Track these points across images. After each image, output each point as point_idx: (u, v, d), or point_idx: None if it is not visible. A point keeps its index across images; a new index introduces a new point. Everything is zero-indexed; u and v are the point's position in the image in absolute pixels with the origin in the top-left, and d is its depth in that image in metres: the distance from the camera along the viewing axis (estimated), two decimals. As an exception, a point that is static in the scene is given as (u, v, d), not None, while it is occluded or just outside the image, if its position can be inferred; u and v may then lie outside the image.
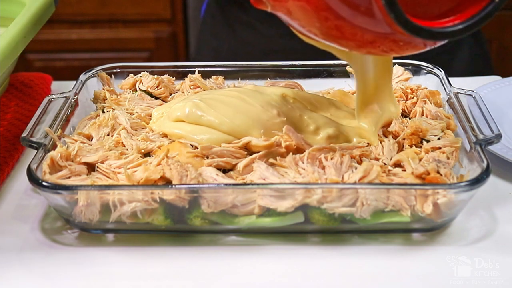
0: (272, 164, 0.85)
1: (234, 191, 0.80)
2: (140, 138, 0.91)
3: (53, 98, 0.98)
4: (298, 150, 0.87)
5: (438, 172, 0.82)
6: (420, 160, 0.86)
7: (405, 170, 0.85)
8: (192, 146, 0.88)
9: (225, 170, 0.86)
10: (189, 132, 0.90)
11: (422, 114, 0.97)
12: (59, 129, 0.93)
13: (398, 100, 1.01)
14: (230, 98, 0.92)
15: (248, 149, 0.88)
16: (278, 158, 0.85)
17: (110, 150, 0.88)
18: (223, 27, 1.49)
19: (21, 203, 0.92)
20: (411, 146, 0.90)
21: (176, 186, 0.80)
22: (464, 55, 1.43)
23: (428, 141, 0.90)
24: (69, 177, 0.84)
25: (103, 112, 0.99)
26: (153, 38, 2.45)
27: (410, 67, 1.08)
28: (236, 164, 0.86)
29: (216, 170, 0.84)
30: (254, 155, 0.86)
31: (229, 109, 0.90)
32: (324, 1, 0.71)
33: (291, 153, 0.85)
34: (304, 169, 0.83)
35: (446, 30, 0.72)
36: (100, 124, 0.94)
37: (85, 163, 0.86)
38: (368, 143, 0.91)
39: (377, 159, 0.87)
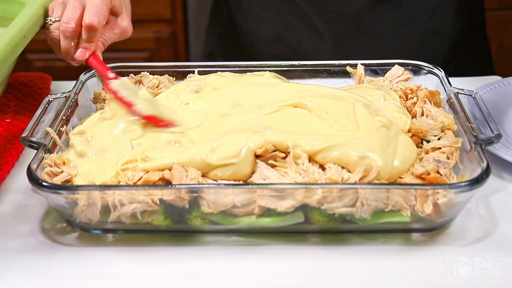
0: (272, 165, 0.85)
1: (234, 191, 0.80)
2: (140, 138, 0.91)
3: (53, 98, 0.98)
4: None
5: (438, 172, 0.82)
6: (420, 160, 0.86)
7: (405, 170, 0.85)
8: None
9: (225, 170, 0.86)
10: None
11: (422, 114, 0.97)
12: (59, 129, 0.93)
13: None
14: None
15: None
16: (278, 158, 0.85)
17: (110, 150, 0.88)
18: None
19: (21, 203, 0.92)
20: (411, 146, 0.90)
21: (176, 186, 0.80)
22: (470, 59, 1.42)
23: (428, 141, 0.90)
24: (69, 177, 0.84)
25: (103, 112, 0.99)
26: (153, 38, 2.45)
27: (410, 67, 1.08)
28: (236, 164, 0.86)
29: (216, 170, 0.84)
30: (254, 155, 0.86)
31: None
32: None
33: (291, 153, 0.85)
34: (304, 170, 0.83)
35: None
36: (100, 124, 0.94)
37: (85, 163, 0.86)
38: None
39: (377, 159, 0.87)
